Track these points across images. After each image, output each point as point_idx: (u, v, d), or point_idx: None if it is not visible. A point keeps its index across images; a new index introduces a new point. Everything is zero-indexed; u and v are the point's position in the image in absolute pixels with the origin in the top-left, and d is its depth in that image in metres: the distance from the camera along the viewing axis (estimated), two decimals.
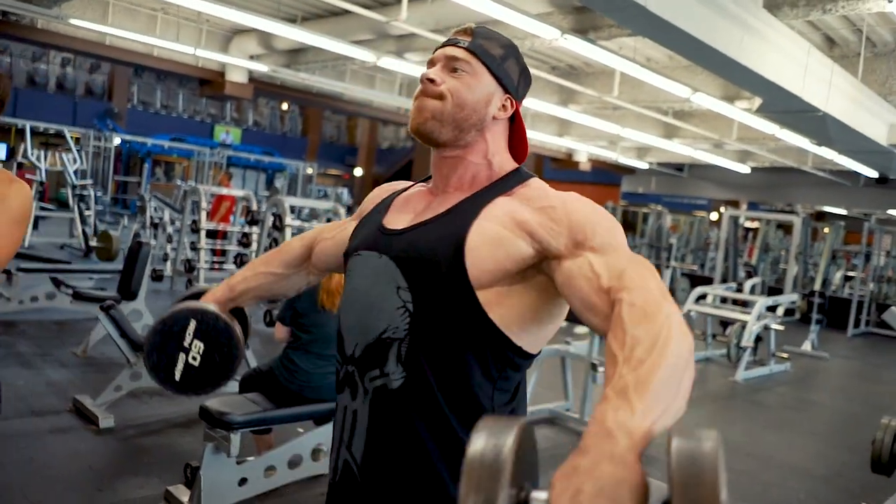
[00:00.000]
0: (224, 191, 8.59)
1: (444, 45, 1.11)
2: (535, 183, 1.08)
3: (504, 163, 1.11)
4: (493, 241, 0.98)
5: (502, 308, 0.99)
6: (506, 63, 1.10)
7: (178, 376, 1.21)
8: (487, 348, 0.99)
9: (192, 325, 1.21)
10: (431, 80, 1.07)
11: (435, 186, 1.14)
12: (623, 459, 0.65)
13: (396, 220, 1.11)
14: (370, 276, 1.07)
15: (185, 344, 1.20)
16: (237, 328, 1.24)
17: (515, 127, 1.14)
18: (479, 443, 0.65)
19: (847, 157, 10.37)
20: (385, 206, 1.18)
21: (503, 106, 1.10)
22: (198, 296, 1.33)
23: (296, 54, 10.35)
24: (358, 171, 24.22)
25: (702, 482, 0.58)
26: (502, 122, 1.12)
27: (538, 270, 0.99)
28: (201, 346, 1.20)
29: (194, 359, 1.20)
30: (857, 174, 13.60)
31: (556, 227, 0.97)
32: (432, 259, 1.00)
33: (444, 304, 0.99)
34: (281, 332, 3.08)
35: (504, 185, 1.07)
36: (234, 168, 21.23)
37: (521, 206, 1.01)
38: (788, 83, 5.84)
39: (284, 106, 24.40)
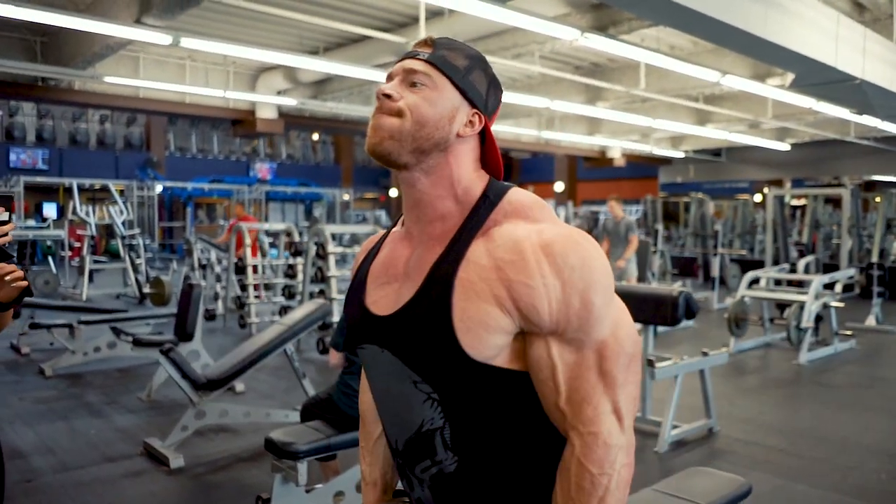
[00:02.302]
0: (252, 226, 8.66)
1: (402, 57, 1.03)
2: (508, 207, 0.98)
3: (471, 186, 1.00)
4: (480, 324, 0.91)
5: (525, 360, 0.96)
6: (471, 75, 1.00)
7: None
8: (532, 398, 0.96)
9: None
10: (388, 96, 0.98)
11: (408, 231, 1.05)
12: None
13: (379, 298, 1.04)
14: (384, 373, 1.03)
15: None
16: None
17: (487, 143, 1.04)
18: None
19: (891, 122, 10.04)
20: (364, 273, 1.10)
21: (470, 122, 1.00)
22: None
23: (321, 85, 10.55)
24: (393, 192, 24.43)
25: None
26: (470, 139, 1.02)
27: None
28: None
29: None
30: None
31: (532, 308, 0.90)
32: (432, 353, 0.94)
33: (465, 385, 0.95)
34: (335, 357, 3.12)
35: (475, 220, 0.97)
36: (273, 202, 21.65)
37: (494, 267, 0.92)
38: (820, 54, 5.70)
39: (315, 136, 24.82)
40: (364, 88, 10.18)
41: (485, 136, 1.04)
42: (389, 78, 1.02)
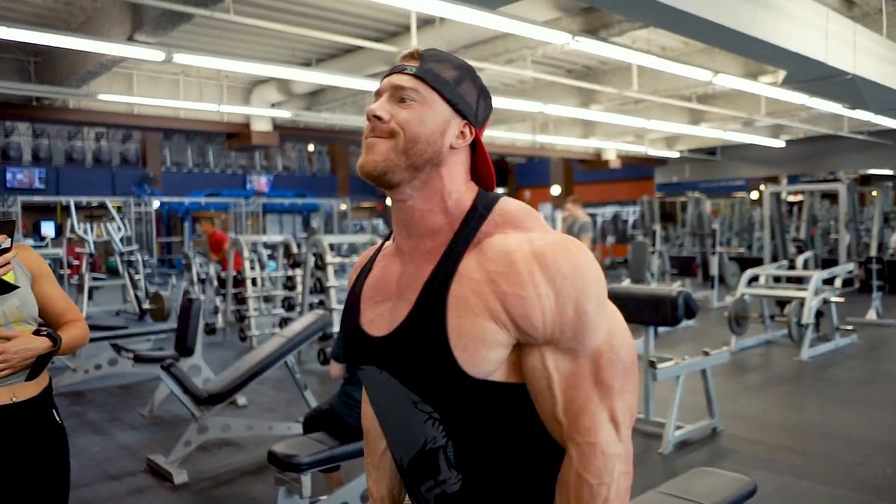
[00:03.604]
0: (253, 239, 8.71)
1: (390, 72, 1.00)
2: (498, 218, 0.97)
3: (462, 198, 1.00)
4: (476, 339, 0.90)
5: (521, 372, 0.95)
6: (460, 86, 0.99)
7: None
8: (531, 410, 0.95)
9: None
10: (378, 118, 0.97)
11: (398, 247, 1.04)
12: None
13: (374, 317, 1.03)
14: (383, 393, 1.03)
15: None
16: None
17: (478, 153, 1.03)
18: None
19: (884, 115, 10.08)
20: (358, 291, 1.09)
21: (461, 133, 0.99)
22: None
23: (315, 96, 10.57)
24: (389, 201, 24.42)
25: None
26: (461, 151, 1.00)
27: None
28: None
29: None
30: None
31: (527, 319, 0.89)
32: (429, 373, 0.94)
33: (465, 403, 0.94)
34: (336, 368, 3.11)
35: (466, 233, 0.96)
36: (270, 214, 21.64)
37: (487, 280, 0.91)
38: (811, 51, 5.72)
39: (311, 147, 24.84)
40: (357, 98, 10.20)
41: (476, 147, 1.03)
42: (378, 94, 1.01)
